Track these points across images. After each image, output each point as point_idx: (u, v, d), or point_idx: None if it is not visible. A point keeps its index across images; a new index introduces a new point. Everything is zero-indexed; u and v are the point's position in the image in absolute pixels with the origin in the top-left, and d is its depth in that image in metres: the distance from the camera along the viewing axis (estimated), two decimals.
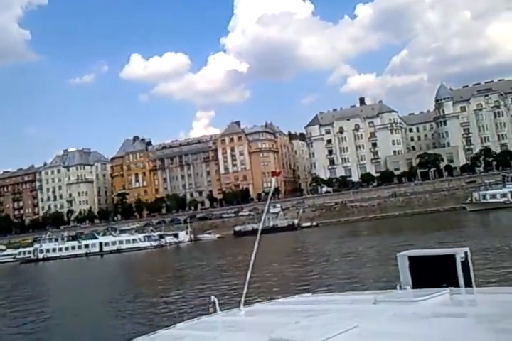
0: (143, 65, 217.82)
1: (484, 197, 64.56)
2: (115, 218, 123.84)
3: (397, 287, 4.52)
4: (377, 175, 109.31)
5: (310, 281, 21.10)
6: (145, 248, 71.21)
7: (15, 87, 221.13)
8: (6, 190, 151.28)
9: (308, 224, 77.18)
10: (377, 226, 60.87)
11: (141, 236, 75.91)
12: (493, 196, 63.47)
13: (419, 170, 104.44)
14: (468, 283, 4.44)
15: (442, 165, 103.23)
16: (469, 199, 67.15)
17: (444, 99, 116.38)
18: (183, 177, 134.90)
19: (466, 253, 4.62)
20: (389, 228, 54.77)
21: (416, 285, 4.43)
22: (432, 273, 4.48)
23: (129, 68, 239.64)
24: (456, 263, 4.47)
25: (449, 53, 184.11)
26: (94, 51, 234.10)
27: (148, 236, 75.71)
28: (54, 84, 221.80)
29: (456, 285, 4.30)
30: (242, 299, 4.34)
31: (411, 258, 4.73)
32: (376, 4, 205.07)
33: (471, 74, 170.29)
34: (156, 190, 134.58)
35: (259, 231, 6.04)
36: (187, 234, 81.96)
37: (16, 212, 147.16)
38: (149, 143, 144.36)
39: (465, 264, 4.54)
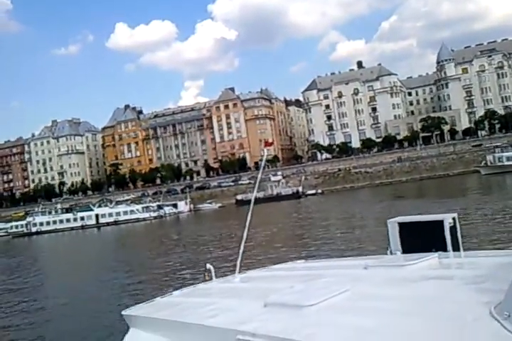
0: (129, 33, 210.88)
1: (500, 159, 61.99)
2: (109, 189, 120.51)
3: (388, 252, 4.67)
4: (379, 140, 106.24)
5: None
6: (144, 219, 68.54)
7: None
8: None
9: (312, 191, 74.44)
10: (387, 191, 58.19)
11: (139, 207, 72.97)
12: (509, 158, 60.90)
13: (421, 135, 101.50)
14: (456, 248, 4.52)
15: (446, 129, 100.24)
16: (484, 162, 64.52)
17: (446, 60, 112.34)
18: (177, 146, 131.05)
19: (454, 218, 4.70)
20: (403, 193, 52.11)
21: (406, 250, 4.51)
22: (421, 239, 4.51)
23: (115, 37, 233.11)
24: (445, 229, 4.52)
25: (438, 18, 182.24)
26: (78, 20, 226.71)
27: (147, 207, 72.78)
28: (39, 55, 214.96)
29: (445, 249, 4.38)
30: (238, 266, 4.32)
31: (401, 224, 4.80)
32: None
33: (461, 38, 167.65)
34: (150, 160, 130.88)
35: (252, 200, 5.67)
36: (186, 204, 79.14)
37: (6, 185, 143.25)
38: (140, 112, 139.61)
39: (453, 229, 4.60)
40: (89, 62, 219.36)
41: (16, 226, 76.24)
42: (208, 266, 4.34)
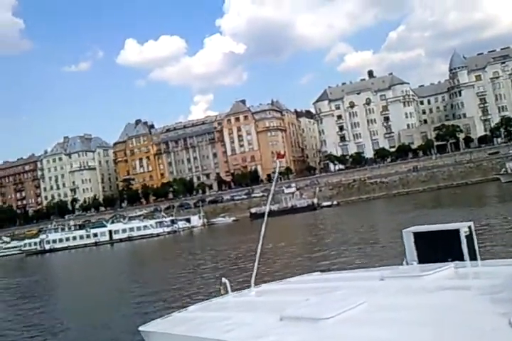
0: (138, 49, 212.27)
1: None
2: (121, 205, 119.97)
3: (404, 263, 4.62)
4: (392, 150, 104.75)
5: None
6: (157, 234, 67.63)
7: (11, 77, 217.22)
8: (7, 180, 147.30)
9: (328, 203, 73.05)
10: (405, 201, 56.65)
11: (152, 222, 72.08)
12: None
13: (436, 143, 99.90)
14: (473, 257, 4.44)
15: (461, 137, 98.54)
16: (503, 170, 62.85)
17: (459, 67, 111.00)
18: (188, 160, 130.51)
19: (469, 227, 4.64)
20: (422, 203, 50.62)
21: (422, 260, 4.47)
22: (437, 248, 4.49)
23: (125, 53, 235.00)
24: (461, 238, 4.48)
25: (446, 27, 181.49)
26: (89, 37, 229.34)
27: (160, 222, 71.85)
28: (50, 72, 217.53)
29: (461, 259, 4.31)
30: (253, 280, 4.26)
31: (416, 234, 4.75)
32: None
33: (470, 46, 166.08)
34: (162, 175, 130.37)
35: (266, 213, 5.49)
36: (200, 218, 78.18)
37: (19, 203, 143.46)
38: (152, 127, 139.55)
39: (469, 238, 4.55)
40: (100, 79, 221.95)
41: (30, 244, 75.57)
42: (224, 280, 4.32)
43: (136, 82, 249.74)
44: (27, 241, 78.40)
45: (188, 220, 76.68)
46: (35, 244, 74.53)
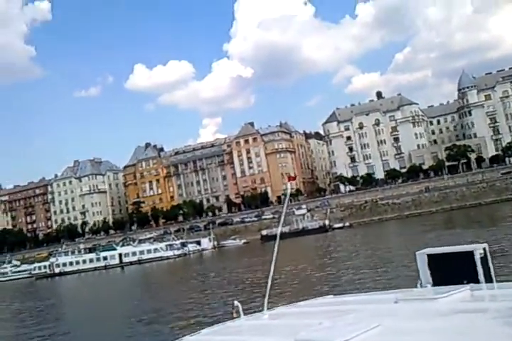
0: (147, 74, 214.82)
1: None
2: (131, 228, 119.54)
3: (418, 285, 4.56)
4: (403, 170, 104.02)
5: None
6: (167, 257, 66.91)
7: (21, 102, 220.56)
8: (18, 204, 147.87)
9: (340, 225, 72.13)
10: (419, 223, 55.72)
11: (162, 245, 71.42)
12: None
13: (447, 164, 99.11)
14: (488, 279, 4.40)
15: (472, 157, 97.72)
16: None
17: (468, 87, 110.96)
18: (198, 182, 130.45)
19: (484, 249, 4.60)
20: (436, 224, 49.75)
21: (436, 282, 4.43)
22: (452, 270, 4.46)
23: (134, 78, 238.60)
24: (475, 260, 4.44)
25: (452, 48, 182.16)
26: (98, 63, 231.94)
27: (170, 245, 71.15)
28: (61, 98, 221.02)
29: (477, 281, 4.25)
30: (265, 303, 4.32)
31: (430, 256, 4.74)
32: (376, 2, 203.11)
33: (477, 67, 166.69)
34: (172, 197, 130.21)
35: (278, 235, 5.57)
36: (210, 240, 77.40)
37: (29, 226, 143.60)
38: (161, 150, 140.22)
39: (484, 260, 4.52)
40: (110, 103, 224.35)
41: (39, 268, 75.17)
42: (236, 303, 4.28)
43: (145, 106, 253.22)
44: (37, 264, 78.00)
45: (199, 243, 75.98)
46: (45, 267, 74.12)
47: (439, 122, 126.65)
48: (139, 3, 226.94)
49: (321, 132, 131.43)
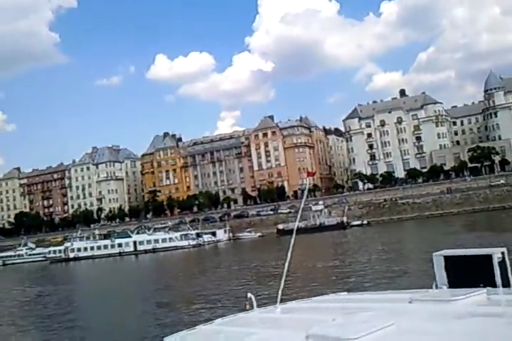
0: (168, 65, 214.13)
1: None
2: (146, 216, 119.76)
3: (433, 286, 4.53)
4: (424, 170, 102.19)
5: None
6: (182, 247, 66.62)
7: (44, 88, 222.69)
8: (35, 188, 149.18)
9: (358, 222, 71.03)
10: (443, 223, 54.43)
11: (177, 234, 71.21)
12: None
13: (469, 165, 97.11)
14: (506, 284, 4.35)
15: (496, 159, 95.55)
16: None
17: (495, 88, 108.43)
18: (214, 173, 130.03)
19: (503, 253, 4.55)
20: (459, 226, 48.47)
21: (452, 285, 4.40)
22: (469, 273, 4.42)
23: (155, 69, 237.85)
24: (493, 263, 4.39)
25: (477, 49, 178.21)
26: (120, 52, 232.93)
27: (185, 235, 70.90)
28: (82, 86, 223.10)
29: (494, 285, 4.20)
30: (279, 296, 4.29)
31: (447, 257, 4.74)
32: (401, 1, 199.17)
33: (503, 68, 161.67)
34: (188, 187, 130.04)
35: (294, 230, 5.38)
36: (225, 232, 77.05)
37: (46, 210, 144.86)
38: (180, 140, 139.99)
39: (502, 264, 4.47)
40: (130, 93, 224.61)
41: (54, 252, 75.54)
42: (249, 295, 4.30)
43: (165, 96, 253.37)
44: (52, 248, 78.46)
45: (214, 234, 75.58)
46: (60, 251, 74.44)
47: (462, 123, 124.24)
48: None
49: (341, 128, 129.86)
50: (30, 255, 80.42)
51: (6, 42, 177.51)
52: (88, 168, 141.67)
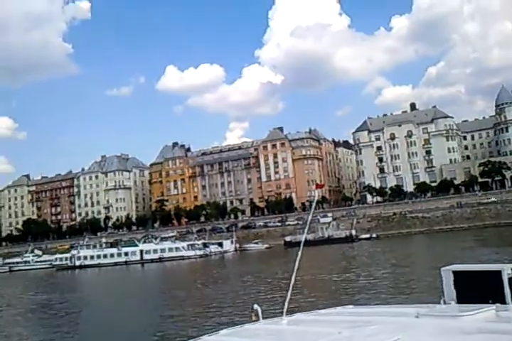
0: (178, 76, 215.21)
1: None
2: (153, 225, 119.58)
3: (441, 302, 4.48)
4: (434, 184, 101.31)
5: None
6: (188, 257, 66.27)
7: (56, 97, 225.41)
8: (44, 195, 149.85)
9: (367, 235, 70.32)
10: (449, 239, 53.67)
11: (184, 244, 70.88)
12: None
13: (479, 180, 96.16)
14: None
15: (508, 174, 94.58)
16: None
17: (506, 103, 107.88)
18: (222, 184, 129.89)
19: None
20: (469, 241, 47.73)
21: (460, 300, 4.37)
22: (477, 289, 4.37)
23: (165, 79, 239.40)
24: (503, 279, 4.32)
25: (488, 64, 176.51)
26: (131, 63, 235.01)
27: (192, 245, 70.55)
28: (93, 95, 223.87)
29: (503, 301, 4.12)
30: (285, 308, 4.29)
31: (455, 272, 4.69)
32: (412, 15, 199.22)
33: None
34: (195, 197, 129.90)
35: (302, 241, 5.79)
36: (232, 243, 76.58)
37: (54, 218, 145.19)
38: (188, 150, 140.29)
39: None
40: (140, 103, 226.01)
41: (61, 259, 75.44)
42: (255, 306, 4.27)
43: (175, 107, 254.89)
44: (58, 255, 78.38)
45: (221, 244, 75.13)
46: (66, 259, 74.35)
47: (473, 137, 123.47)
48: (175, 5, 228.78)
49: (350, 141, 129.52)
50: (36, 262, 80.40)
51: (20, 52, 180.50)
52: (97, 177, 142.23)
